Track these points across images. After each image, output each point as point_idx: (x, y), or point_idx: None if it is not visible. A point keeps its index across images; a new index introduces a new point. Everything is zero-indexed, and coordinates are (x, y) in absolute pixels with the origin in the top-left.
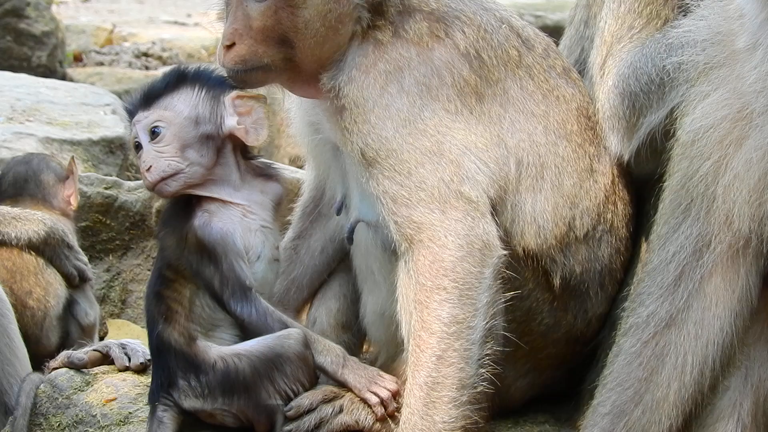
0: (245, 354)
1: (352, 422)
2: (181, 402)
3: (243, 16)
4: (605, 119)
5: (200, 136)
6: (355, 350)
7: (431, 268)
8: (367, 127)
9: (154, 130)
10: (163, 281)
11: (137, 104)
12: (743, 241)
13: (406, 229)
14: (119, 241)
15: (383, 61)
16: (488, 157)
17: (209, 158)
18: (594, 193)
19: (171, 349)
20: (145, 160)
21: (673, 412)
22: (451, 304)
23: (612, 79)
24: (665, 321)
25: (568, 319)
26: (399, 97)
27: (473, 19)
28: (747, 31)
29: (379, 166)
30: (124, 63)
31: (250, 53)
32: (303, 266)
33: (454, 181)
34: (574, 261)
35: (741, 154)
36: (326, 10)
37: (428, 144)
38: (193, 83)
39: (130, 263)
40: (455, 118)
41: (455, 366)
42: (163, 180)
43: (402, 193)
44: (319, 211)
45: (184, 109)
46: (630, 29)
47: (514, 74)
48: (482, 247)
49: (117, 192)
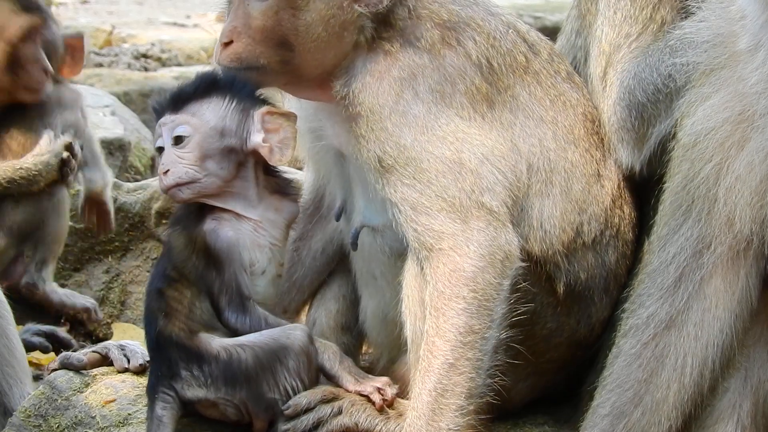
0: (249, 345)
1: (351, 424)
2: (184, 392)
3: (243, 14)
4: (613, 132)
5: (223, 149)
6: (354, 352)
7: (451, 277)
8: (384, 135)
9: (179, 135)
10: (166, 280)
11: (165, 106)
12: (744, 243)
13: (426, 237)
14: (118, 242)
15: (396, 68)
16: (505, 165)
17: (229, 171)
18: (601, 198)
19: (172, 342)
20: (164, 163)
21: (672, 414)
22: (468, 314)
23: (616, 91)
24: (665, 322)
25: (571, 324)
26: (415, 104)
27: (483, 26)
28: (749, 33)
29: (398, 173)
30: (123, 64)
31: (246, 52)
32: (304, 268)
33: (475, 192)
34: (579, 267)
35: (742, 157)
36: (329, 15)
37: (448, 153)
38: (224, 92)
39: (129, 265)
40: (470, 124)
41: (466, 375)
42: (178, 186)
43: (422, 202)
44: (319, 213)
45: (212, 119)
46: (627, 37)
47: (522, 80)
48: (504, 258)
49: (116, 193)
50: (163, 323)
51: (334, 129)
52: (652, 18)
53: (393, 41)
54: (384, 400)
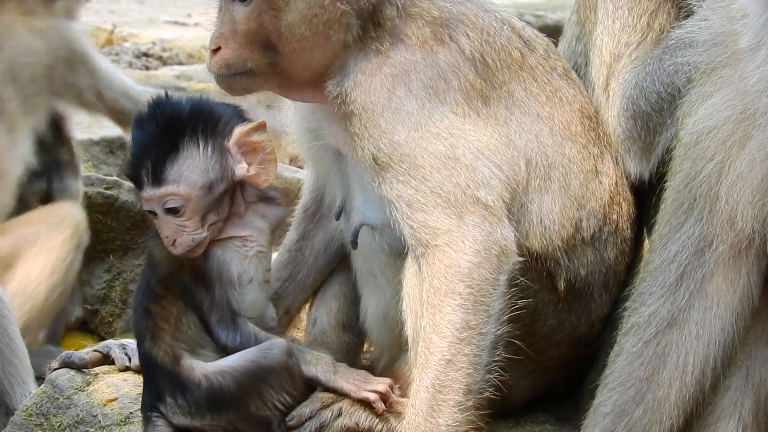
0: (229, 371)
1: (352, 425)
2: (170, 418)
3: (229, 20)
4: (620, 143)
5: (217, 198)
6: (355, 350)
7: (447, 273)
8: (377, 132)
9: (170, 207)
10: (152, 296)
11: (143, 180)
12: (746, 241)
13: (422, 233)
14: (120, 241)
15: (388, 65)
16: (501, 159)
17: (226, 210)
18: (599, 194)
19: (157, 366)
20: (168, 235)
21: (674, 412)
22: (464, 310)
23: (619, 101)
24: (667, 320)
25: (571, 321)
26: (408, 100)
27: (476, 22)
28: (750, 31)
29: (393, 170)
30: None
31: (234, 57)
32: (307, 267)
33: (470, 187)
34: (579, 263)
35: (744, 155)
36: (311, 14)
37: (442, 148)
38: (192, 137)
39: (131, 263)
40: (465, 120)
41: (464, 371)
42: (190, 250)
43: (417, 198)
44: (321, 212)
45: (197, 179)
46: (627, 46)
47: (518, 76)
48: (499, 253)
49: (117, 192)
50: (149, 345)
51: (331, 128)
52: (650, 26)
53: (383, 40)
54: (386, 406)
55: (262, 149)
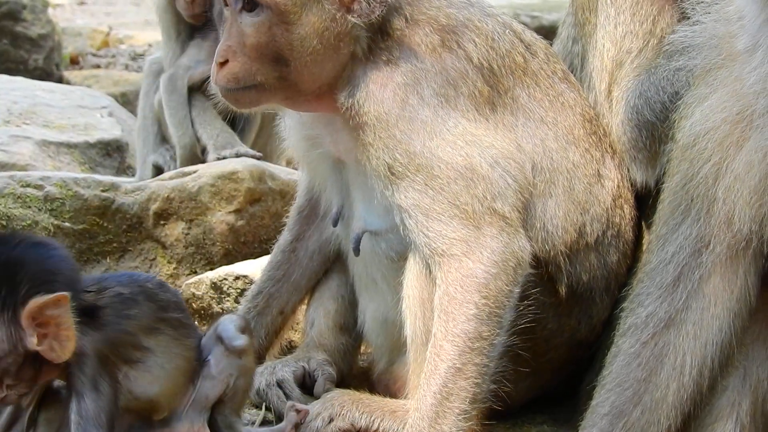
0: None
1: (348, 426)
2: None
3: (237, 32)
4: (625, 151)
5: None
6: (353, 352)
7: (463, 282)
8: (393, 142)
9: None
10: None
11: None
12: (743, 242)
13: (438, 243)
14: (116, 243)
15: (399, 73)
16: (514, 168)
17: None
18: (603, 197)
19: None
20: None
21: (672, 413)
22: (478, 320)
23: (623, 110)
24: (664, 321)
25: (572, 325)
26: (421, 109)
27: (481, 28)
28: (747, 33)
29: (409, 179)
30: (120, 65)
31: (243, 71)
32: (302, 268)
33: (487, 198)
34: (581, 268)
35: (741, 156)
36: (323, 27)
37: (459, 158)
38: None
39: (127, 266)
40: (477, 126)
41: (472, 380)
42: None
43: (434, 208)
44: (315, 214)
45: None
46: (629, 53)
47: (522, 81)
48: (516, 264)
49: (114, 194)
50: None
51: (332, 137)
52: (652, 32)
53: (392, 49)
54: None
55: (57, 324)
